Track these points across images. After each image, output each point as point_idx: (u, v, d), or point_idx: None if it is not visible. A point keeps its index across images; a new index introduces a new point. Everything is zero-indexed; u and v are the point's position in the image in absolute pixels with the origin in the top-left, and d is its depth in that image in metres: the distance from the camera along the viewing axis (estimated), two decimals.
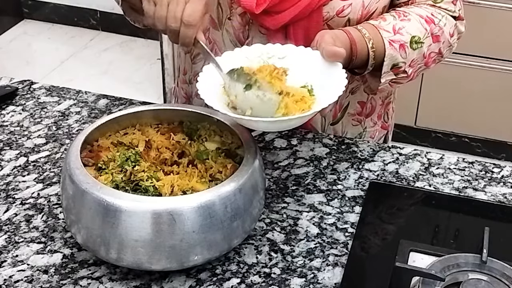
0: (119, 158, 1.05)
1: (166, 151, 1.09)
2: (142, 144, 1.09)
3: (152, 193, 1.00)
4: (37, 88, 1.48)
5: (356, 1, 1.23)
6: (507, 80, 2.74)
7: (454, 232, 1.14)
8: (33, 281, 1.01)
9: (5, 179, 1.21)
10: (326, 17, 1.23)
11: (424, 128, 2.97)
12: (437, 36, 1.25)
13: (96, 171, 1.04)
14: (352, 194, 1.19)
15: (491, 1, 2.61)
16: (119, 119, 1.11)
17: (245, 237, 1.04)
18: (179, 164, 1.07)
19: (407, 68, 1.23)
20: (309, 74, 1.11)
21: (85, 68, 3.64)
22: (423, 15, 1.25)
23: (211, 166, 1.05)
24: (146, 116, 1.13)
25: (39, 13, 4.03)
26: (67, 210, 1.01)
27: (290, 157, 1.28)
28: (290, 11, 1.21)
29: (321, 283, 1.02)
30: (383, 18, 1.24)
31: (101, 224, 0.96)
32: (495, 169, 1.26)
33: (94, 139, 1.09)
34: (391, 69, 1.22)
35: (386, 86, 1.25)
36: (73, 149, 1.03)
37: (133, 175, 1.03)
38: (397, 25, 1.22)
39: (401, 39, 1.21)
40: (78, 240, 1.01)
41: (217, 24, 1.29)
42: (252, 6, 1.19)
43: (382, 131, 1.47)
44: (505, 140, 2.91)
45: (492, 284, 0.97)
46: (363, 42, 1.18)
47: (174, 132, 1.12)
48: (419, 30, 1.23)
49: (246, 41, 1.28)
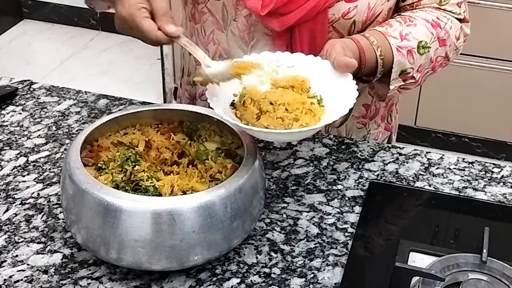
0: (119, 158, 1.05)
1: (166, 151, 1.09)
2: (142, 144, 1.09)
3: (152, 193, 1.00)
4: (37, 88, 1.48)
5: (361, 3, 1.23)
6: (507, 80, 2.74)
7: (454, 232, 1.14)
8: (33, 281, 1.01)
9: (5, 179, 1.21)
10: (332, 19, 1.23)
11: (424, 128, 2.98)
12: (443, 40, 1.25)
13: (96, 171, 1.04)
14: (352, 194, 1.19)
15: (491, 1, 2.61)
16: (119, 119, 1.11)
17: (245, 237, 1.04)
18: (179, 164, 1.07)
19: (415, 73, 1.22)
20: (318, 84, 1.11)
21: (85, 68, 3.65)
22: (429, 19, 1.25)
23: (211, 167, 1.05)
24: (146, 116, 1.13)
25: (39, 13, 4.03)
26: (67, 210, 1.01)
27: (290, 157, 1.28)
28: (296, 13, 1.21)
29: (321, 283, 1.02)
30: (389, 24, 1.23)
31: (101, 224, 0.96)
32: (495, 169, 1.26)
33: (94, 139, 1.09)
34: (400, 75, 1.21)
35: (395, 93, 1.24)
36: (73, 149, 1.03)
37: (133, 175, 1.03)
38: (403, 31, 1.22)
39: (409, 45, 1.21)
40: (78, 240, 1.01)
41: (222, 26, 1.28)
42: (257, 8, 1.19)
43: (386, 133, 1.47)
44: (505, 140, 2.91)
45: (492, 284, 0.97)
46: (372, 50, 1.18)
47: (174, 132, 1.12)
48: (426, 35, 1.23)
49: (251, 43, 1.27)
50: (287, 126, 1.04)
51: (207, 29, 1.31)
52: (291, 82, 1.11)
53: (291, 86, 1.11)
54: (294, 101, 1.06)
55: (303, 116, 1.05)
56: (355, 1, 1.22)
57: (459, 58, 1.37)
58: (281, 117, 1.04)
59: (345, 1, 1.22)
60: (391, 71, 1.20)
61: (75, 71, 3.62)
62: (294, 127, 1.03)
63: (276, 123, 1.04)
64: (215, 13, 1.28)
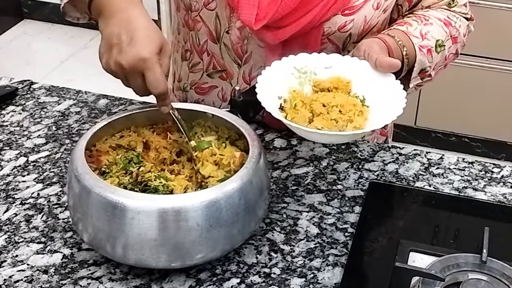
0: (121, 161, 1.05)
1: (164, 151, 1.09)
2: (140, 146, 1.09)
3: (163, 192, 1.01)
4: (37, 88, 1.48)
5: (358, 17, 1.22)
6: (507, 80, 2.74)
7: (454, 232, 1.14)
8: (33, 281, 1.01)
9: (5, 179, 1.21)
10: (328, 32, 1.23)
11: (424, 128, 2.97)
12: (455, 37, 1.28)
13: (100, 175, 1.04)
14: (352, 194, 1.19)
15: (491, 1, 2.61)
16: (114, 123, 1.10)
17: (249, 236, 1.04)
18: (178, 162, 1.07)
19: (432, 71, 1.25)
20: (359, 85, 1.11)
21: (85, 68, 3.64)
22: (441, 18, 1.27)
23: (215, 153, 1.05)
24: (139, 118, 1.13)
25: (39, 13, 4.03)
26: (74, 209, 1.01)
27: (290, 157, 1.28)
28: (292, 27, 1.20)
29: (321, 283, 1.02)
30: (408, 23, 1.24)
31: (107, 222, 0.95)
32: (495, 169, 1.26)
33: (92, 144, 1.08)
34: (419, 73, 1.23)
35: (412, 90, 1.26)
36: (77, 154, 1.01)
37: (140, 176, 1.03)
38: (422, 30, 1.23)
39: (428, 44, 1.22)
40: (84, 238, 1.01)
41: (215, 37, 1.28)
42: (251, 22, 1.18)
43: (382, 138, 1.47)
44: (505, 140, 2.91)
45: (492, 284, 0.97)
46: (399, 49, 1.19)
47: (170, 132, 1.12)
48: (441, 34, 1.25)
49: (244, 55, 1.27)
50: (341, 128, 1.04)
51: (201, 38, 1.30)
52: (335, 83, 1.11)
53: (335, 87, 1.11)
54: (347, 103, 1.06)
55: (356, 118, 1.05)
56: (352, 14, 1.22)
57: (459, 58, 1.37)
58: (335, 119, 1.04)
59: (342, 14, 1.22)
60: (411, 70, 1.21)
61: (75, 71, 3.61)
62: (348, 128, 1.04)
63: (330, 124, 1.04)
64: (208, 23, 1.27)
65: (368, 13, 1.23)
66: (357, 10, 1.22)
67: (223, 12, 1.24)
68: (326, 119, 1.04)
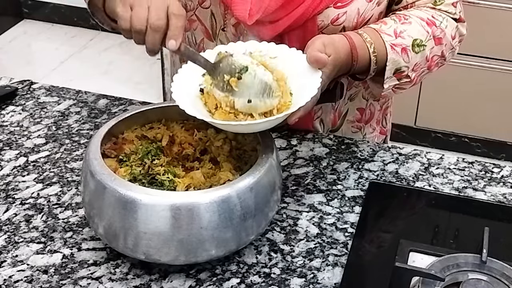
0: (140, 151, 1.07)
1: (188, 147, 1.10)
2: (166, 139, 1.10)
3: (167, 187, 1.02)
4: (37, 88, 1.48)
5: (351, 9, 1.22)
6: (507, 80, 2.74)
7: (454, 232, 1.14)
8: (33, 281, 1.01)
9: (5, 179, 1.21)
10: (321, 25, 1.22)
11: (424, 128, 2.97)
12: (439, 38, 1.24)
13: (117, 162, 1.06)
14: (352, 194, 1.19)
15: (491, 1, 2.61)
16: (147, 113, 1.12)
17: (258, 235, 1.04)
18: (201, 160, 1.09)
19: (410, 72, 1.21)
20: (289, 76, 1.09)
21: (85, 68, 3.64)
22: (424, 18, 1.24)
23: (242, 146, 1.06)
24: (173, 112, 1.13)
25: (39, 13, 4.03)
26: (88, 203, 1.02)
27: (290, 157, 1.28)
28: (284, 20, 1.20)
29: (321, 283, 1.02)
30: (383, 22, 1.23)
31: (119, 216, 0.96)
32: (495, 169, 1.26)
33: (120, 132, 1.10)
34: (394, 74, 1.20)
35: (389, 92, 1.23)
36: (94, 140, 1.04)
37: (151, 168, 1.04)
38: (398, 29, 1.21)
39: (403, 43, 1.20)
40: (99, 231, 1.01)
41: (211, 35, 1.28)
42: (245, 17, 1.18)
43: (381, 136, 1.47)
44: (505, 140, 2.91)
45: (492, 284, 0.97)
46: (364, 46, 1.17)
47: (198, 129, 1.12)
48: (421, 33, 1.22)
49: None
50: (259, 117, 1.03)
51: (197, 37, 1.30)
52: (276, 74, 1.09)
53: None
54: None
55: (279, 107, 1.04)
56: (344, 7, 1.21)
57: (459, 58, 1.37)
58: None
59: (334, 7, 1.21)
60: (385, 70, 1.19)
61: (75, 71, 3.61)
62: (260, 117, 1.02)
63: (229, 118, 1.03)
64: (204, 21, 1.27)
65: (361, 6, 1.22)
66: (349, 3, 1.21)
67: (218, 9, 1.24)
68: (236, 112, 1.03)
